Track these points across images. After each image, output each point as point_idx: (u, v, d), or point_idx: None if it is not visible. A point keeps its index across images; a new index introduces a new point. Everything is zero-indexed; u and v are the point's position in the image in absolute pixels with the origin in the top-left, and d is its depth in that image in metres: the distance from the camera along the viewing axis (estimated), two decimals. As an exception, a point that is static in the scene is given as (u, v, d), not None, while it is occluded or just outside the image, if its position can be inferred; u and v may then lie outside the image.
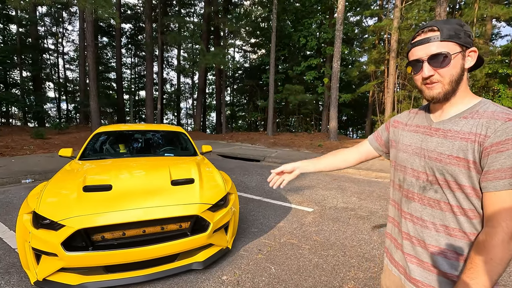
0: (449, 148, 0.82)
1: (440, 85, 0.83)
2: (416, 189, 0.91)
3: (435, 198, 0.85)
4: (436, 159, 0.84)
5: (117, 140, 4.16)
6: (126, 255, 2.03)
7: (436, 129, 0.88)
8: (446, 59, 0.81)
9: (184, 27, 20.85)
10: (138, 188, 2.40)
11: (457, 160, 0.79)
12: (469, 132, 0.79)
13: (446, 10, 10.21)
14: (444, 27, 0.81)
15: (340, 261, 2.61)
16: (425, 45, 0.83)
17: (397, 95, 14.01)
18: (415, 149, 0.92)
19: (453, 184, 0.81)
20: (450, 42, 0.81)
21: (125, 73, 29.32)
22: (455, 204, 0.81)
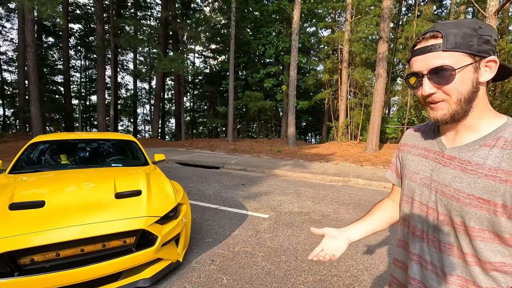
0: (470, 185, 0.65)
1: (445, 105, 0.68)
2: (425, 227, 0.76)
3: (448, 242, 0.71)
4: (453, 197, 0.68)
5: (58, 150, 3.81)
6: (60, 278, 1.85)
7: (450, 157, 0.71)
8: (450, 74, 0.64)
9: (140, 30, 20.07)
10: (77, 203, 2.21)
11: (480, 202, 0.63)
12: (496, 167, 0.62)
13: (389, 26, 11.21)
14: (450, 33, 0.64)
15: (292, 266, 2.66)
16: (424, 55, 0.67)
17: (349, 102, 14.93)
18: (423, 178, 0.77)
19: (472, 230, 0.65)
20: (456, 52, 0.64)
21: (74, 77, 27.23)
22: (470, 252, 0.67)
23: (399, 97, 15.99)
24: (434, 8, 19.70)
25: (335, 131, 15.70)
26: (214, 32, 19.56)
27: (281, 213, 4.19)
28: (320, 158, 9.82)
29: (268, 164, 8.48)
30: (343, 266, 2.68)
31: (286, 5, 15.78)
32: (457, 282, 0.69)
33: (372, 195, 5.47)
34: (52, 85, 24.03)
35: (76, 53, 26.49)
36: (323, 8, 17.71)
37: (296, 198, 5.09)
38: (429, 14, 15.21)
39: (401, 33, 15.36)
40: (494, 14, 8.03)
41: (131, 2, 22.85)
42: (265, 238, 3.28)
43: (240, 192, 5.38)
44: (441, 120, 0.70)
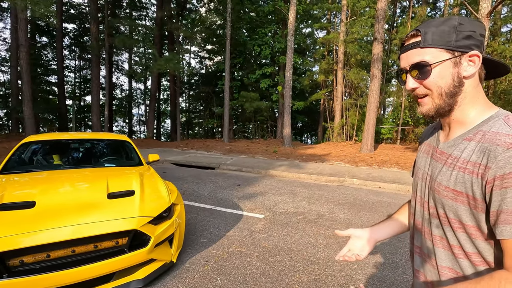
0: (448, 178, 0.68)
1: (429, 100, 0.71)
2: (422, 220, 0.79)
3: (437, 234, 0.73)
4: (436, 190, 0.71)
5: (50, 151, 3.76)
6: (51, 279, 1.82)
7: (440, 152, 0.75)
8: (426, 69, 0.68)
9: (135, 30, 19.97)
10: (68, 203, 2.18)
11: (454, 193, 0.66)
12: (468, 161, 0.65)
13: (384, 27, 11.30)
14: (428, 31, 0.67)
15: (287, 266, 2.65)
16: (406, 53, 0.71)
17: (344, 103, 15.00)
18: (423, 174, 0.80)
19: (454, 222, 0.68)
20: (432, 48, 0.67)
21: (69, 77, 26.97)
22: (456, 244, 0.68)
23: (394, 98, 16.11)
24: (428, 10, 19.92)
25: (331, 131, 15.76)
26: (209, 33, 19.54)
27: (276, 213, 4.19)
28: (316, 159, 9.84)
29: (263, 165, 8.48)
30: (337, 266, 2.68)
31: (282, 6, 15.82)
32: (449, 275, 0.70)
33: (367, 195, 5.50)
34: (46, 85, 23.76)
35: (70, 53, 26.26)
36: (318, 9, 17.79)
37: (291, 198, 5.09)
38: (423, 16, 15.36)
39: (395, 35, 15.49)
40: (487, 16, 8.14)
41: (126, 2, 22.74)
42: (260, 238, 3.27)
43: (236, 193, 5.36)
44: (426, 114, 0.72)
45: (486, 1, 8.28)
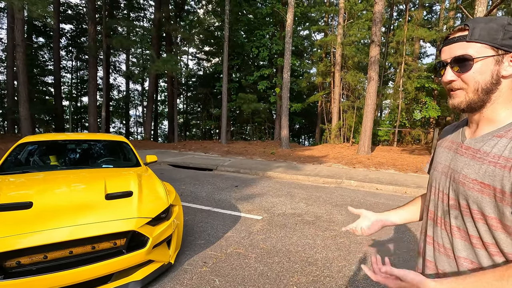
0: (475, 171, 0.70)
1: (463, 93, 0.72)
2: (439, 212, 0.81)
3: (455, 225, 0.75)
4: (460, 182, 0.73)
5: (47, 151, 3.74)
6: (48, 280, 1.80)
7: (466, 147, 0.76)
8: (468, 63, 0.69)
9: (133, 31, 19.93)
10: (66, 204, 2.17)
11: (482, 186, 0.67)
12: (499, 155, 0.66)
13: (381, 30, 11.39)
14: (476, 26, 0.68)
15: (285, 267, 2.65)
16: (450, 45, 0.73)
17: (342, 105, 15.07)
18: (444, 167, 0.82)
19: (476, 213, 0.69)
20: (478, 43, 0.68)
21: (65, 77, 26.89)
22: (475, 235, 0.70)
23: (391, 100, 16.21)
24: (425, 14, 20.11)
25: (328, 133, 15.81)
26: (207, 34, 19.55)
27: (274, 215, 4.19)
28: (313, 160, 9.87)
29: (261, 166, 8.48)
30: (335, 267, 2.69)
31: (280, 8, 15.88)
32: (464, 265, 0.72)
33: (365, 197, 5.52)
34: (42, 86, 23.64)
35: (67, 54, 26.16)
36: (316, 11, 17.88)
37: (289, 199, 5.09)
38: (419, 19, 15.50)
39: (392, 37, 15.61)
40: (482, 20, 8.21)
41: (124, 3, 22.70)
42: (258, 239, 3.27)
43: (233, 194, 5.35)
44: (457, 107, 0.74)
45: (481, 5, 8.39)
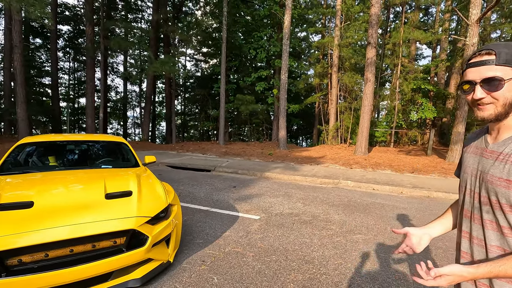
0: (500, 170, 0.83)
1: (492, 107, 0.84)
2: (471, 208, 0.94)
3: (487, 218, 0.87)
4: (489, 181, 0.86)
5: (46, 152, 3.76)
6: (49, 278, 1.83)
7: (491, 151, 0.90)
8: (500, 84, 0.81)
9: (131, 33, 19.96)
10: (66, 203, 2.20)
11: (507, 182, 0.80)
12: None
13: (377, 32, 11.50)
14: (502, 51, 0.81)
15: (282, 265, 2.70)
16: (479, 67, 0.84)
17: (339, 106, 15.16)
18: (472, 170, 0.95)
19: (505, 206, 0.81)
20: (506, 66, 0.80)
21: (63, 79, 26.79)
22: (506, 225, 0.82)
23: (388, 102, 16.33)
24: (421, 16, 20.30)
25: (326, 134, 15.89)
26: (205, 36, 19.62)
27: (272, 215, 4.23)
28: (311, 161, 9.93)
29: (259, 167, 8.53)
30: (331, 265, 2.73)
31: (277, 10, 15.98)
32: (497, 252, 0.85)
33: (361, 197, 5.58)
34: (40, 87, 23.56)
35: (65, 55, 26.10)
36: (313, 13, 18.00)
37: (286, 200, 5.14)
38: (415, 21, 15.66)
39: (389, 39, 15.74)
40: (476, 22, 8.35)
41: (122, 5, 22.72)
42: (255, 238, 3.31)
43: (231, 194, 5.39)
44: (487, 119, 0.87)
45: (476, 8, 8.51)
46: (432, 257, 3.01)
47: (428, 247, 3.23)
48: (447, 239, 3.49)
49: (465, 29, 14.56)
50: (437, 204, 5.26)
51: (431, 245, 3.29)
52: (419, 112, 14.19)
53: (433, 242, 3.39)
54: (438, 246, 3.27)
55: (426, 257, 2.98)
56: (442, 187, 6.34)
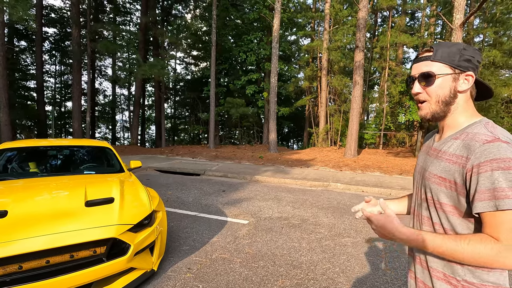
0: (437, 168, 0.85)
1: (427, 105, 0.87)
2: (416, 205, 0.96)
3: (425, 215, 0.90)
4: (427, 178, 0.88)
5: (26, 158, 3.63)
6: (23, 292, 1.74)
7: (434, 149, 0.92)
8: (431, 79, 0.83)
9: (119, 36, 19.69)
10: (43, 212, 2.11)
11: (440, 180, 0.83)
12: (453, 153, 0.81)
13: (365, 36, 11.66)
14: (439, 49, 0.83)
15: (270, 271, 2.65)
16: (418, 63, 0.87)
17: (329, 109, 15.28)
18: (420, 168, 0.97)
19: (437, 203, 0.84)
20: (439, 63, 0.83)
21: (49, 82, 26.15)
22: (437, 222, 0.85)
23: (376, 104, 16.56)
24: (407, 20, 20.73)
25: (316, 137, 15.98)
26: (195, 39, 19.53)
27: (261, 219, 4.19)
28: (301, 164, 9.94)
29: (249, 170, 8.48)
30: (320, 270, 2.70)
31: (267, 14, 16.05)
32: None
33: (351, 199, 5.59)
34: (24, 91, 22.94)
35: (51, 58, 25.52)
36: (302, 17, 18.16)
37: (276, 203, 5.11)
38: (402, 25, 15.98)
39: (376, 43, 16.00)
40: (460, 27, 8.57)
41: (110, 7, 22.43)
42: (243, 244, 3.26)
43: (220, 199, 5.33)
44: (424, 117, 0.89)
45: (459, 13, 8.73)
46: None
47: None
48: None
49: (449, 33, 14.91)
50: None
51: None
52: (407, 114, 14.42)
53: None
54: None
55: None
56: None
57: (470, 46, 0.84)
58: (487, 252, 0.70)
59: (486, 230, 0.73)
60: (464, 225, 0.80)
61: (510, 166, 0.70)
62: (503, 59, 11.56)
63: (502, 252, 0.69)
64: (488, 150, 0.73)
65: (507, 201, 0.69)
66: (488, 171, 0.71)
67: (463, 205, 0.78)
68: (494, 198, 0.71)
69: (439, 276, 0.85)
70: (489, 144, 0.73)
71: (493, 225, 0.72)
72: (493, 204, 0.71)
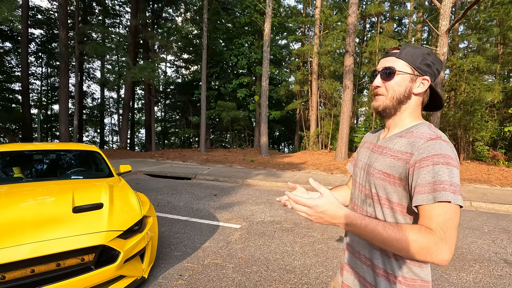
0: (381, 164, 0.87)
1: (382, 99, 0.90)
2: (359, 202, 0.96)
3: (369, 211, 0.90)
4: (371, 174, 0.90)
5: (10, 163, 3.50)
6: (6, 303, 1.66)
7: (378, 146, 0.94)
8: (392, 74, 0.86)
9: (109, 38, 19.43)
10: (27, 219, 2.02)
11: (385, 175, 0.84)
12: (398, 150, 0.84)
13: (354, 41, 11.85)
14: (405, 48, 0.87)
15: (263, 276, 2.62)
16: (384, 59, 0.91)
17: (319, 112, 15.41)
18: (363, 164, 0.98)
19: (382, 199, 0.85)
20: (402, 60, 0.86)
21: (34, 84, 25.52)
22: (382, 218, 0.85)
23: (366, 108, 16.80)
24: (395, 26, 21.20)
25: (307, 140, 16.07)
26: (186, 42, 19.45)
27: (253, 223, 4.15)
28: (293, 167, 9.96)
29: (241, 174, 8.44)
30: (313, 274, 2.69)
31: (258, 18, 16.14)
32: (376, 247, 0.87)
33: (342, 202, 5.61)
34: (8, 93, 22.29)
35: (37, 60, 24.94)
36: (293, 22, 18.34)
37: (268, 207, 5.08)
38: (390, 31, 16.32)
39: (365, 48, 16.28)
40: (446, 33, 8.81)
41: (99, 9, 22.12)
42: (236, 249, 3.22)
43: (212, 203, 5.27)
44: (376, 108, 0.93)
45: (445, 19, 8.98)
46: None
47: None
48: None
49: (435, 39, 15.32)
50: (414, 207, 5.40)
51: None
52: (395, 118, 14.62)
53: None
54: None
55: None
56: (419, 190, 6.53)
57: (434, 54, 0.87)
58: (423, 242, 0.70)
59: (422, 222, 0.74)
60: (407, 222, 0.82)
61: (449, 162, 0.74)
62: (487, 64, 11.91)
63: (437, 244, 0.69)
64: (431, 147, 0.77)
65: (444, 194, 0.71)
66: (430, 165, 0.75)
67: (407, 201, 0.81)
68: (434, 190, 0.73)
69: (380, 272, 0.86)
70: (432, 141, 0.78)
71: (429, 217, 0.73)
72: (432, 197, 0.73)
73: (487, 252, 3.32)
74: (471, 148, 11.98)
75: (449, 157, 0.75)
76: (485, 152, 11.25)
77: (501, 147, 11.73)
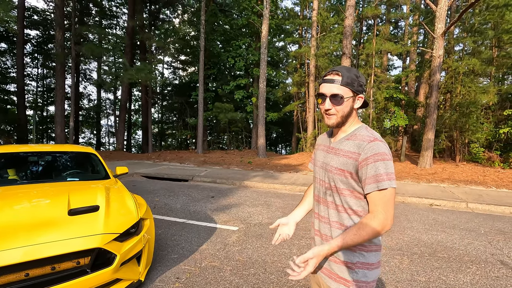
0: (336, 162, 1.12)
1: (335, 117, 1.12)
2: (321, 194, 1.20)
3: (329, 200, 1.15)
4: (329, 171, 1.14)
5: (5, 164, 3.46)
6: (-1, 308, 1.63)
7: (332, 148, 1.18)
8: (341, 100, 1.08)
9: (105, 39, 19.35)
10: (23, 222, 2.00)
11: (340, 171, 1.10)
12: (348, 151, 1.10)
13: (351, 43, 11.91)
14: (345, 75, 1.08)
15: (261, 278, 2.61)
16: (330, 84, 1.09)
17: (317, 114, 15.45)
18: (321, 163, 1.22)
19: (339, 189, 1.11)
20: (346, 87, 1.08)
21: (30, 86, 25.33)
22: (340, 204, 1.12)
23: (362, 110, 16.86)
24: (391, 29, 21.36)
25: (304, 142, 16.09)
26: (183, 43, 19.41)
27: (251, 225, 4.14)
28: (290, 169, 9.96)
29: (238, 176, 8.42)
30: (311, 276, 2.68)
31: (255, 20, 16.17)
32: (337, 226, 1.12)
33: (339, 204, 5.61)
34: (4, 94, 22.11)
35: (33, 61, 24.77)
36: (290, 24, 18.40)
37: (265, 209, 5.07)
38: (386, 33, 16.43)
39: (362, 50, 16.36)
40: (442, 36, 8.88)
41: (96, 10, 22.05)
42: (233, 251, 3.20)
43: (209, 205, 5.25)
44: (331, 126, 1.15)
45: (440, 22, 9.06)
46: (408, 262, 3.05)
47: (402, 253, 3.27)
48: (421, 244, 3.56)
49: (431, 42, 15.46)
50: (412, 209, 5.41)
51: (407, 251, 3.34)
52: (392, 120, 14.76)
53: (409, 247, 3.44)
54: (414, 252, 3.33)
55: (399, 265, 3.02)
56: (416, 192, 6.55)
57: (359, 72, 1.11)
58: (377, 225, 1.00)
59: (371, 206, 1.05)
60: (358, 204, 1.09)
61: (385, 158, 1.02)
62: (482, 67, 12.02)
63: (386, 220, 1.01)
64: (372, 147, 1.03)
65: (384, 183, 1.00)
66: (372, 162, 1.01)
67: (357, 189, 1.08)
68: (377, 181, 1.01)
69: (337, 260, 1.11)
70: (372, 143, 1.04)
71: (375, 201, 1.03)
72: (376, 186, 1.01)
73: (483, 254, 3.33)
74: (467, 149, 12.07)
75: (384, 154, 1.03)
76: (481, 154, 11.34)
77: (497, 149, 11.84)
